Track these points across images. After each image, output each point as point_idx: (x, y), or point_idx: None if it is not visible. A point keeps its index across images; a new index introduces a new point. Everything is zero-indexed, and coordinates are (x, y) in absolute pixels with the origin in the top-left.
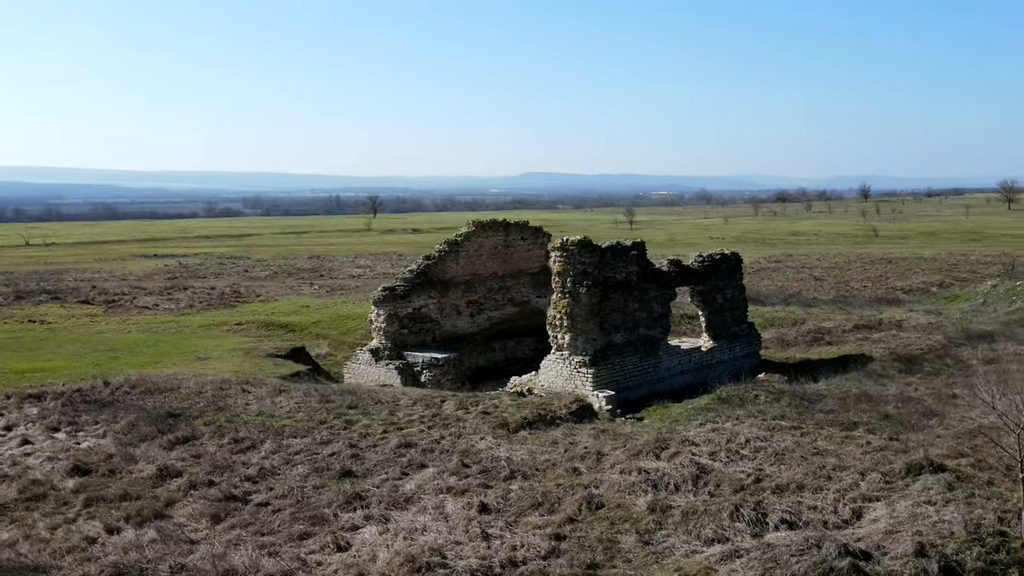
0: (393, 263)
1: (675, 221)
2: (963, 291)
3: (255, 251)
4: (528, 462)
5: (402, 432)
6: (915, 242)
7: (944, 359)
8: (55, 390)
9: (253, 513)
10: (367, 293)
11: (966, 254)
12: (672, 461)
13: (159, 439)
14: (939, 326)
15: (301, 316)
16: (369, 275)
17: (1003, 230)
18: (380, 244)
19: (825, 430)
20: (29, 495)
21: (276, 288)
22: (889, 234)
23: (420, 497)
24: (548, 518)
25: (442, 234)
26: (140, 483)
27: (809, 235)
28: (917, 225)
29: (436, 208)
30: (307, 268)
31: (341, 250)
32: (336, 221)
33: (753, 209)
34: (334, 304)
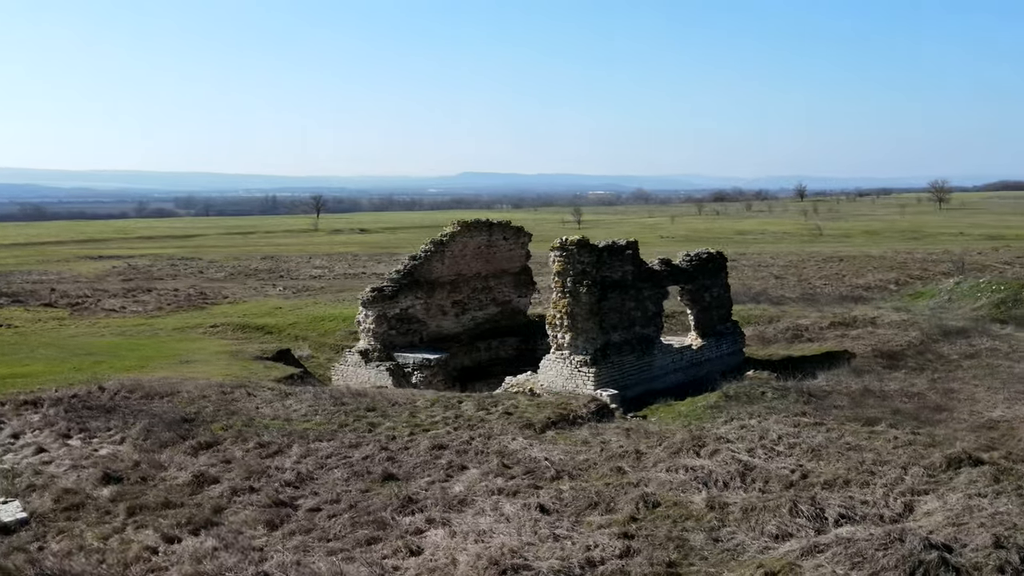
0: (349, 263)
1: (621, 221)
2: (926, 288)
3: (204, 252)
4: (568, 462)
5: (428, 434)
6: (859, 240)
7: (924, 355)
8: (51, 396)
9: (308, 519)
10: (335, 294)
11: (911, 252)
12: (714, 459)
13: (181, 445)
14: (912, 322)
15: (276, 318)
16: (329, 275)
17: (938, 229)
18: (330, 244)
19: (847, 425)
20: (66, 504)
21: (239, 289)
22: (833, 233)
23: (473, 499)
24: (609, 517)
25: (389, 234)
26: (177, 490)
27: (755, 234)
28: (858, 224)
29: (374, 208)
30: (264, 269)
31: (292, 250)
32: (280, 221)
33: (696, 208)
34: (305, 305)
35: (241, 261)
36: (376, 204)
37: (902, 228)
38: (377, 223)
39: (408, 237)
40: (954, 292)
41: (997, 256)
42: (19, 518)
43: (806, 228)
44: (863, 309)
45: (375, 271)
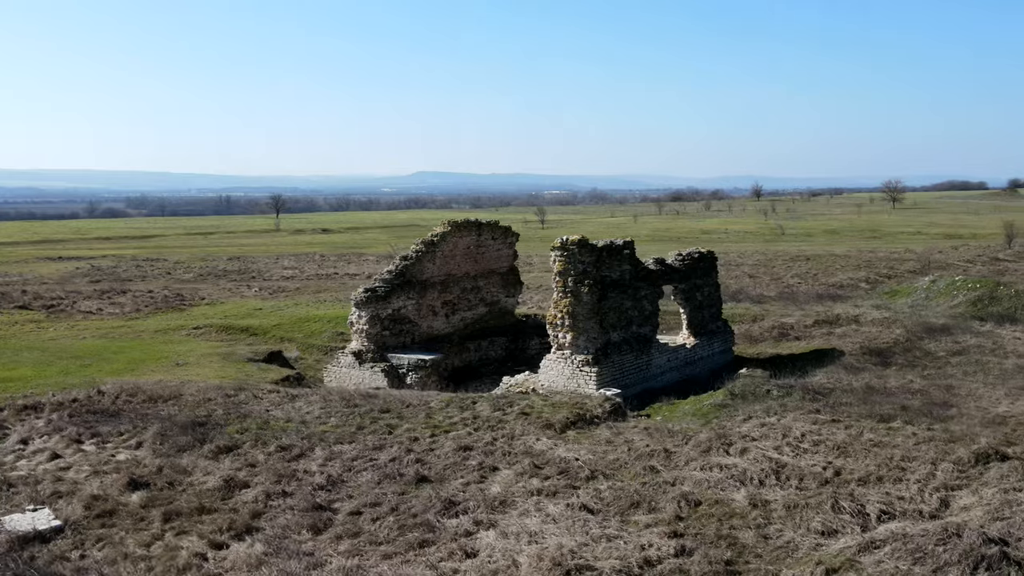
0: (319, 264)
1: (584, 220)
2: (902, 286)
3: (167, 252)
4: (598, 462)
5: (450, 435)
6: (822, 239)
7: (912, 352)
8: (52, 400)
9: (351, 522)
10: (313, 295)
11: (874, 251)
12: (745, 457)
13: (199, 449)
14: (894, 320)
15: (258, 319)
16: (301, 276)
17: (896, 228)
18: (294, 245)
19: (864, 422)
20: (98, 511)
21: (214, 290)
22: (795, 232)
23: (514, 500)
24: (654, 516)
25: (352, 235)
26: (208, 495)
27: (719, 233)
28: (817, 223)
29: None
30: (233, 270)
31: (257, 251)
32: (241, 221)
33: (657, 208)
34: (286, 307)
35: (208, 262)
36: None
37: (861, 227)
38: (338, 223)
39: (373, 237)
40: (930, 290)
41: (958, 255)
42: (54, 526)
43: (768, 227)
44: (844, 307)
45: (346, 271)
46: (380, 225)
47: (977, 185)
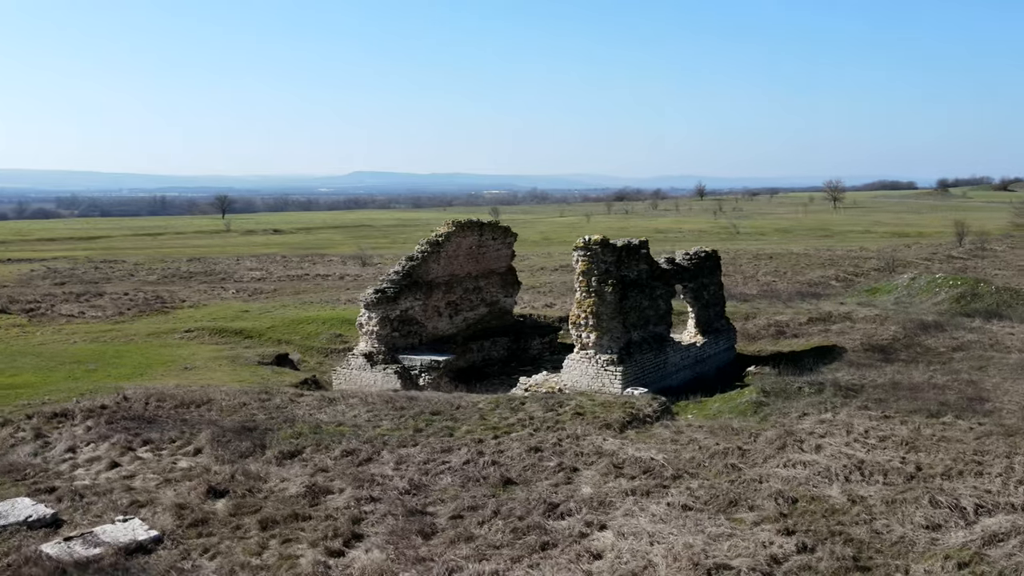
0: (283, 265)
1: (536, 220)
2: (881, 284)
3: (120, 254)
4: (674, 461)
5: (511, 436)
6: (776, 238)
7: (912, 348)
8: (81, 407)
9: (458, 526)
10: (293, 296)
11: (831, 249)
12: (821, 453)
13: (261, 455)
14: (885, 317)
15: (249, 322)
16: (272, 278)
17: (844, 227)
18: (249, 245)
19: (915, 418)
20: (190, 520)
21: (187, 292)
22: (749, 231)
23: (611, 501)
24: (757, 514)
25: (306, 235)
26: (293, 502)
27: (673, 232)
28: (768, 222)
29: (268, 208)
30: (199, 271)
31: (213, 252)
32: (188, 222)
33: (606, 207)
34: (274, 309)
35: (168, 263)
36: (270, 204)
37: (810, 226)
38: (288, 223)
39: (327, 238)
40: (911, 287)
41: (913, 253)
42: (152, 536)
43: (720, 226)
44: (830, 305)
45: (316, 272)
46: (331, 225)
47: (907, 185)
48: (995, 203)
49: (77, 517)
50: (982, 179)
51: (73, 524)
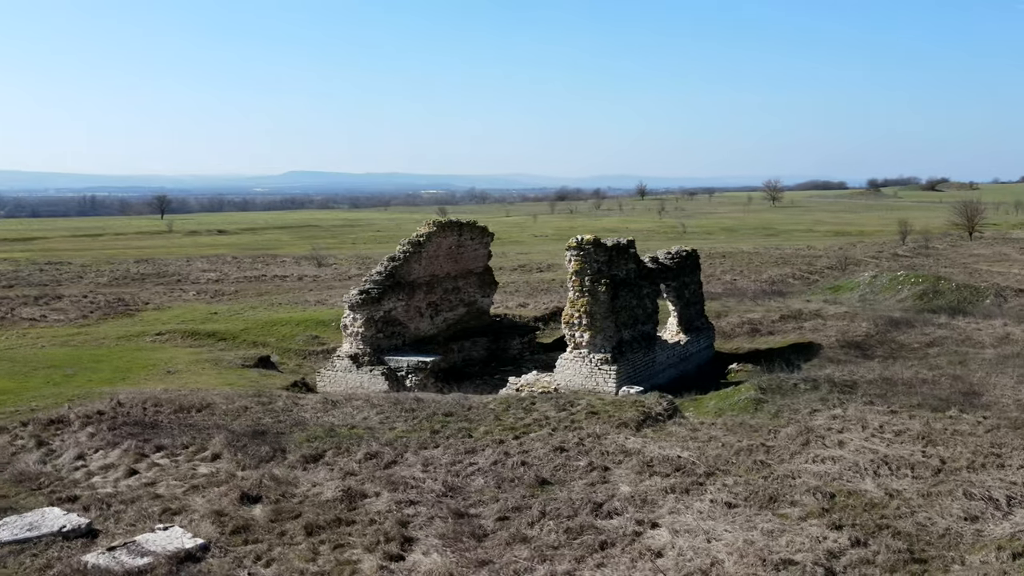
0: (237, 266)
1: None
2: (842, 281)
3: (61, 255)
4: (701, 458)
5: (530, 436)
6: (723, 237)
7: (887, 344)
8: (76, 413)
9: (509, 527)
10: (257, 298)
11: (780, 248)
12: (845, 448)
13: (282, 459)
14: (854, 314)
15: (222, 324)
16: (229, 279)
17: (787, 226)
18: (196, 246)
19: (922, 412)
20: (231, 528)
21: (145, 294)
22: (696, 231)
23: (653, 499)
24: (801, 510)
25: (250, 235)
26: (332, 506)
27: (620, 232)
28: (713, 222)
29: (203, 208)
30: (151, 273)
31: (159, 253)
32: (127, 222)
33: (550, 207)
34: (243, 311)
35: (116, 265)
36: (205, 204)
37: (754, 225)
38: (231, 224)
39: (274, 238)
40: (873, 285)
41: (859, 251)
42: (199, 543)
43: (667, 226)
44: (798, 303)
45: (274, 273)
46: (276, 226)
47: (837, 185)
48: (925, 202)
49: (111, 526)
50: (909, 180)
51: (109, 533)
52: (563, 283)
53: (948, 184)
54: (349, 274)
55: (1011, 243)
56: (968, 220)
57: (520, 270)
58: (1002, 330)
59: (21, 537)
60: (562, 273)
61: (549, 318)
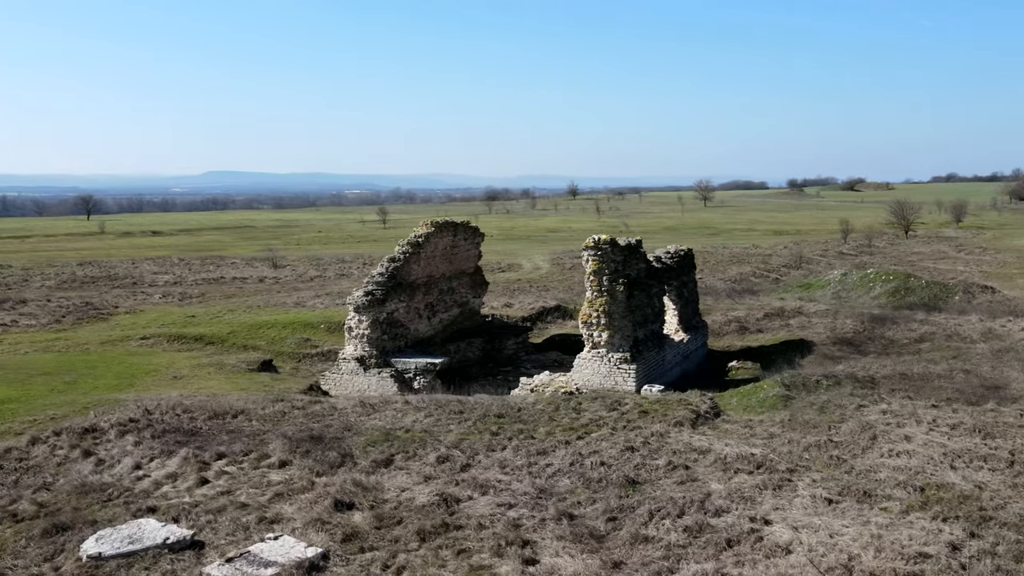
0: (190, 268)
1: (418, 219)
2: (812, 279)
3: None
4: (771, 455)
5: (593, 436)
6: (665, 237)
7: (876, 340)
8: (110, 421)
9: (632, 528)
10: (227, 300)
11: (727, 247)
12: (912, 443)
13: (353, 465)
14: (835, 311)
15: (203, 327)
16: (186, 282)
17: (726, 225)
18: (135, 248)
19: (962, 406)
20: (340, 536)
21: (106, 298)
22: (638, 230)
23: (751, 496)
24: (899, 503)
25: (186, 237)
26: (430, 511)
27: (563, 232)
28: (653, 221)
29: (121, 209)
30: (100, 276)
31: (100, 255)
32: (52, 223)
33: (486, 207)
34: (221, 313)
35: (60, 268)
36: (123, 205)
37: (694, 225)
38: (165, 225)
39: (215, 239)
40: (844, 283)
41: (806, 249)
42: (318, 552)
43: (609, 225)
44: (774, 300)
45: (232, 275)
46: (211, 227)
47: (759, 185)
48: (847, 202)
49: (212, 536)
50: (828, 180)
51: (214, 544)
52: (531, 281)
53: (865, 184)
54: (308, 275)
55: (945, 241)
56: (904, 219)
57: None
58: (980, 325)
59: (125, 551)
60: (525, 273)
61: (536, 318)
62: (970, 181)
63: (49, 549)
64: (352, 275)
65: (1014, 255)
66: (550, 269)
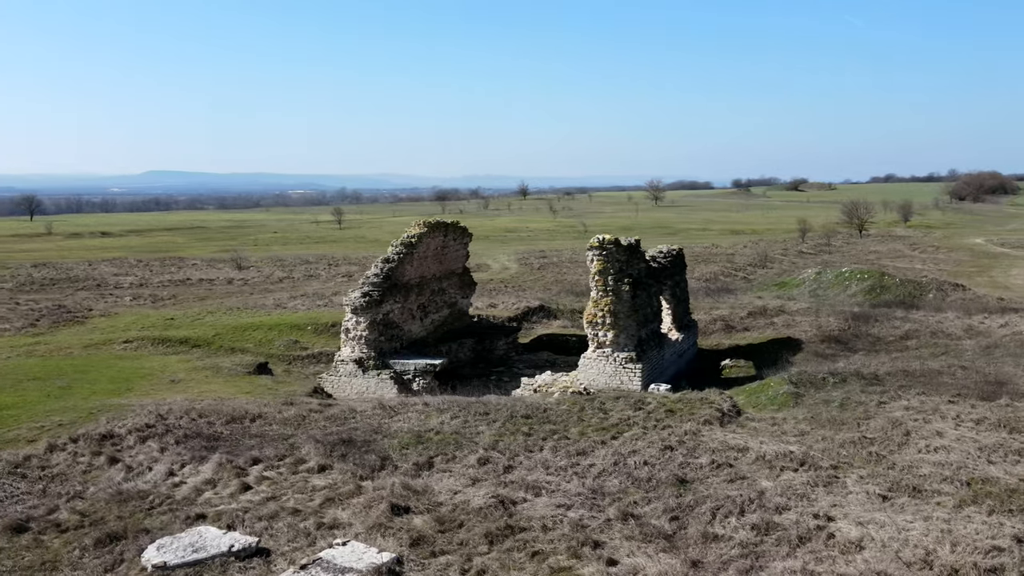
0: (151, 270)
1: (371, 220)
2: (786, 278)
3: None
4: (809, 452)
5: (626, 436)
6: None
7: (863, 338)
8: (127, 427)
9: (700, 527)
10: (203, 302)
11: (687, 246)
12: (945, 438)
13: (393, 469)
14: (816, 310)
15: (185, 330)
16: (152, 283)
17: (681, 225)
18: (86, 250)
19: (977, 402)
20: (408, 540)
21: (74, 300)
22: (597, 230)
23: (804, 493)
24: (951, 498)
25: (136, 238)
26: (489, 514)
27: (522, 232)
28: (611, 220)
29: (59, 210)
30: (60, 278)
31: (52, 256)
32: None
33: (440, 207)
34: (200, 315)
35: (14, 270)
36: (62, 205)
37: (649, 225)
38: (111, 226)
39: (169, 240)
40: (820, 281)
41: (767, 248)
42: (391, 557)
43: (566, 225)
44: (754, 299)
45: (199, 276)
46: (162, 227)
47: (703, 185)
48: (793, 202)
49: (273, 543)
50: (771, 180)
51: (279, 551)
52: (505, 282)
53: (808, 184)
54: (276, 276)
55: (899, 240)
56: (859, 219)
57: None
58: (960, 322)
59: (190, 560)
60: (495, 274)
61: (522, 318)
62: (908, 181)
63: (108, 559)
64: (320, 276)
65: (967, 253)
66: (519, 269)
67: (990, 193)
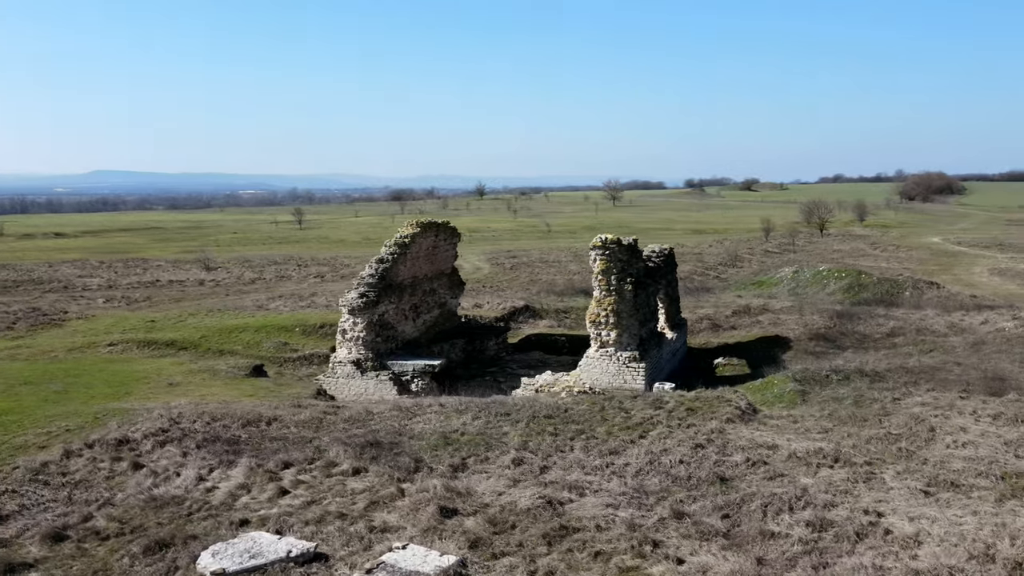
0: (115, 272)
1: (332, 220)
2: (763, 277)
3: None
4: (839, 449)
5: (654, 435)
6: (589, 236)
7: (849, 336)
8: (142, 431)
9: (752, 524)
10: (176, 304)
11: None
12: (970, 433)
13: (430, 471)
14: (799, 308)
15: (170, 332)
16: (122, 285)
17: (643, 224)
18: (42, 251)
19: (986, 397)
20: (466, 543)
21: (45, 302)
22: (561, 230)
23: (847, 489)
24: (990, 492)
25: (92, 239)
26: (538, 514)
27: (485, 232)
28: (573, 221)
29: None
30: (24, 280)
31: (7, 257)
32: None
33: (400, 207)
34: (182, 317)
35: None
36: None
37: (611, 225)
38: (65, 226)
39: (127, 241)
40: (798, 279)
41: (733, 247)
42: (454, 560)
43: (529, 225)
44: (733, 298)
45: (168, 278)
46: (117, 228)
47: (656, 185)
48: (749, 202)
49: (329, 548)
50: (723, 180)
51: (337, 556)
52: (481, 282)
53: (761, 185)
54: (247, 277)
55: (859, 239)
56: (819, 219)
57: None
58: (941, 320)
59: (248, 566)
60: (469, 274)
61: (508, 318)
62: (856, 182)
63: (160, 567)
64: (292, 277)
65: (927, 252)
66: (492, 269)
67: (938, 193)
